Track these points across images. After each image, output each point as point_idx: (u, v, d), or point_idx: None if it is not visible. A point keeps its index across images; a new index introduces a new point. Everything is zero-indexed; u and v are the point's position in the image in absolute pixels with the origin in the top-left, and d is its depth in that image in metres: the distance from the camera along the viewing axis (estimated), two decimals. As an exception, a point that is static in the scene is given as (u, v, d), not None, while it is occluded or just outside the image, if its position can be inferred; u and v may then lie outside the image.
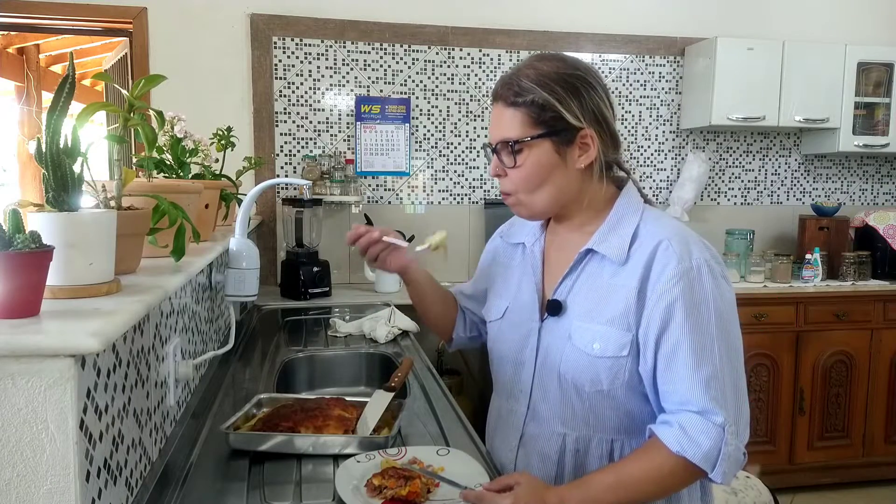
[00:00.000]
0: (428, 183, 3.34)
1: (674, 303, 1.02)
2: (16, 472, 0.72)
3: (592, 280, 1.12)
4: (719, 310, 1.04)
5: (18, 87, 5.34)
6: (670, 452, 1.01)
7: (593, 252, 1.13)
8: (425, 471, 1.10)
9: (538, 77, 1.08)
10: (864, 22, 3.71)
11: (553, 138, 1.08)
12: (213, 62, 3.06)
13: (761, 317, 3.10)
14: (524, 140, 1.09)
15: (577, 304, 1.13)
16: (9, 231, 0.74)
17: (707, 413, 1.00)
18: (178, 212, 1.11)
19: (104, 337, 0.71)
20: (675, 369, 1.03)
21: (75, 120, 0.93)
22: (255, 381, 1.74)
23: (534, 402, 1.18)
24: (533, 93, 1.07)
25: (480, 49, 3.31)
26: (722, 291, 1.05)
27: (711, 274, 1.05)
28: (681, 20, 3.51)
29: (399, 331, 2.22)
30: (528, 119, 1.08)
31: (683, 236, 1.08)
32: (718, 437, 1.00)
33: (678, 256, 1.04)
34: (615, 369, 1.07)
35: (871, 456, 3.28)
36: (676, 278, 1.03)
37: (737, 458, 1.02)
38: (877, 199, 3.89)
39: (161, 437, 1.20)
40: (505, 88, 1.11)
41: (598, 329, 1.08)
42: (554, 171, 1.10)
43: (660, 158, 3.58)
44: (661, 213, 1.15)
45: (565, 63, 1.11)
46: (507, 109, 1.10)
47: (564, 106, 1.07)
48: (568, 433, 1.14)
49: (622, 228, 1.11)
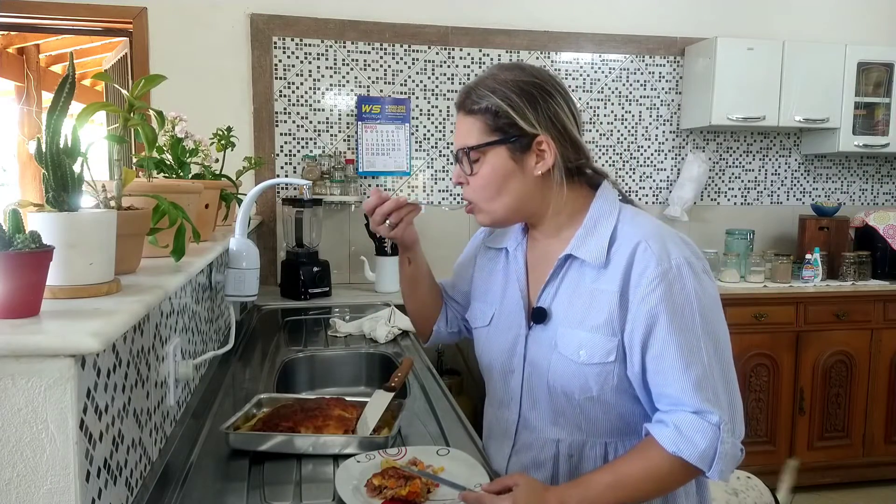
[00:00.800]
0: (428, 183, 3.34)
1: (657, 305, 1.02)
2: (16, 472, 0.72)
3: (574, 286, 1.12)
4: (703, 307, 1.03)
5: (18, 87, 5.34)
6: (665, 452, 1.01)
7: (572, 257, 1.12)
8: (424, 472, 1.10)
9: (494, 85, 1.09)
10: (864, 22, 3.71)
11: (507, 145, 1.09)
12: (213, 62, 3.06)
13: (761, 317, 3.10)
14: (479, 146, 1.09)
15: (561, 311, 1.12)
16: (9, 231, 0.74)
17: (702, 413, 1.01)
18: (178, 212, 1.11)
19: (104, 337, 0.71)
20: (664, 372, 1.02)
21: (75, 120, 0.93)
22: (255, 381, 1.74)
23: (524, 410, 1.18)
24: (488, 100, 1.08)
25: (480, 49, 3.31)
26: (704, 288, 1.05)
27: (692, 271, 1.04)
28: (681, 20, 3.51)
29: (399, 331, 2.22)
30: (485, 126, 1.09)
31: (660, 235, 1.07)
32: (714, 436, 1.00)
33: (657, 258, 1.03)
34: (603, 375, 1.07)
35: (871, 456, 3.28)
36: (657, 280, 1.02)
37: (734, 455, 1.02)
38: (877, 199, 3.89)
39: (161, 437, 1.20)
40: (464, 97, 1.12)
41: (583, 336, 1.08)
42: (510, 178, 1.10)
43: (660, 158, 3.58)
44: (636, 212, 1.14)
45: (524, 71, 1.11)
46: (467, 118, 1.12)
47: (518, 112, 1.07)
48: (561, 439, 1.14)
49: (599, 231, 1.11)
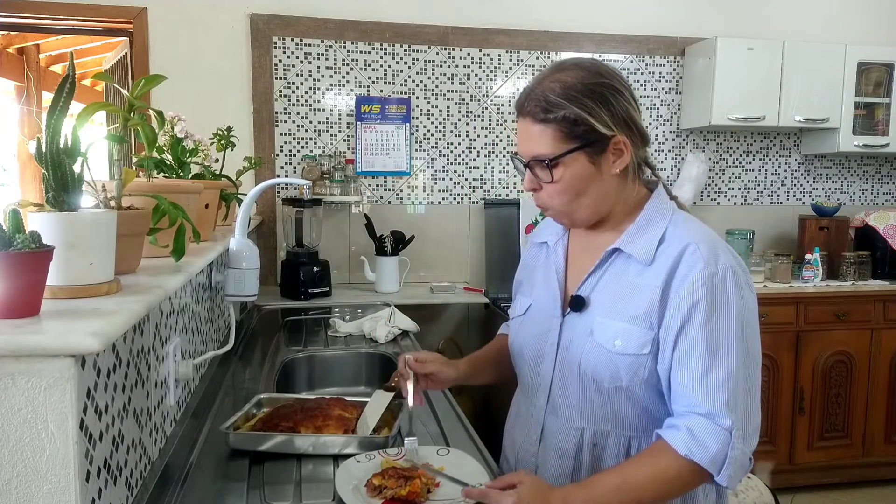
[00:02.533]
0: (428, 183, 3.34)
1: (696, 305, 1.03)
2: (16, 472, 0.72)
3: (617, 278, 1.13)
4: (740, 316, 1.04)
5: (18, 87, 5.33)
6: (677, 455, 1.01)
7: (619, 251, 1.14)
8: (428, 468, 1.10)
9: (564, 91, 1.06)
10: (864, 22, 3.70)
11: (587, 150, 1.08)
12: (213, 62, 3.06)
13: (761, 317, 3.03)
14: (559, 156, 1.08)
15: (601, 301, 1.14)
16: (9, 231, 0.74)
17: (714, 416, 1.01)
18: (178, 212, 1.11)
19: (104, 337, 0.71)
20: (688, 369, 1.03)
21: (75, 120, 0.93)
22: (255, 381, 1.74)
23: (553, 395, 1.18)
24: (563, 108, 1.06)
25: (480, 49, 3.31)
26: (745, 299, 1.06)
27: (736, 280, 1.05)
28: (681, 20, 3.51)
29: (399, 331, 2.22)
30: (560, 135, 1.07)
31: (712, 241, 1.08)
32: (726, 441, 1.00)
33: (705, 260, 1.05)
34: (635, 366, 1.08)
35: (871, 456, 3.28)
36: (701, 281, 1.04)
37: (742, 463, 1.02)
38: (877, 199, 3.89)
39: (161, 437, 1.20)
40: (531, 104, 1.09)
41: (621, 326, 1.09)
42: (591, 181, 1.10)
43: (660, 158, 3.58)
44: (690, 217, 1.15)
45: (588, 71, 1.09)
46: (536, 126, 1.09)
47: (595, 117, 1.06)
48: (586, 428, 1.15)
49: (651, 230, 1.12)
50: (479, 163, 3.38)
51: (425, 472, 1.08)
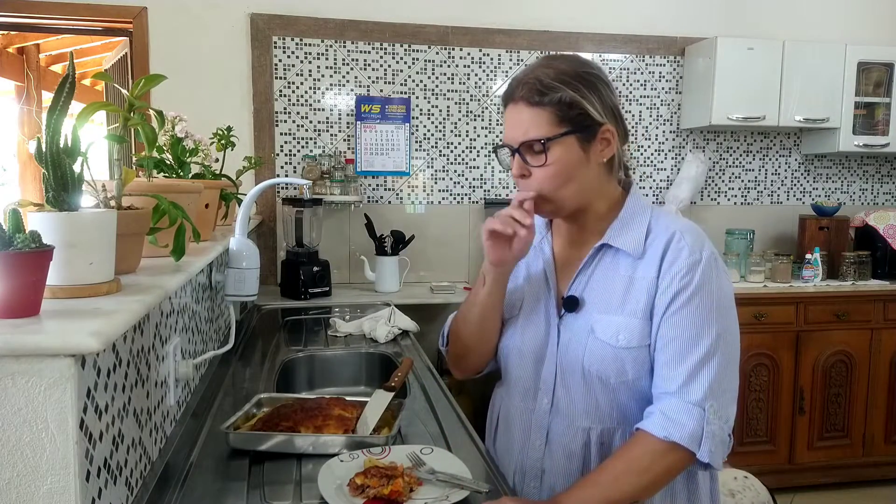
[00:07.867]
0: (428, 183, 3.34)
1: (680, 291, 1.08)
2: (16, 471, 0.72)
3: (608, 274, 1.15)
4: (720, 300, 1.10)
5: (18, 86, 5.34)
6: (656, 439, 1.04)
7: (607, 247, 1.16)
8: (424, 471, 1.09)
9: (559, 75, 1.09)
10: (864, 22, 3.71)
11: (578, 135, 1.10)
12: (213, 62, 3.06)
13: (761, 317, 3.10)
14: (554, 137, 1.09)
15: (596, 299, 1.15)
16: (9, 231, 0.74)
17: (685, 394, 1.05)
18: (178, 211, 1.11)
19: (104, 337, 0.71)
20: (667, 353, 1.08)
21: (75, 120, 0.93)
22: (255, 380, 1.74)
23: (557, 398, 1.18)
24: (559, 91, 1.08)
25: (480, 49, 3.31)
26: (724, 284, 1.12)
27: (717, 266, 1.11)
28: (681, 20, 3.51)
29: (399, 330, 2.22)
30: (554, 118, 1.09)
31: (693, 230, 1.14)
32: (700, 416, 1.04)
33: (689, 248, 1.10)
34: (640, 359, 1.11)
35: (871, 456, 3.28)
36: (687, 268, 1.09)
37: (722, 439, 1.05)
38: (877, 199, 3.89)
39: (161, 437, 1.20)
40: (524, 89, 1.11)
41: (622, 321, 1.12)
42: (579, 167, 1.12)
43: (660, 158, 3.58)
44: (667, 211, 1.22)
45: (579, 61, 1.14)
46: (529, 109, 1.10)
47: (588, 102, 1.10)
48: (592, 427, 1.15)
49: (636, 224, 1.16)
50: (479, 163, 3.38)
51: (407, 471, 1.07)
